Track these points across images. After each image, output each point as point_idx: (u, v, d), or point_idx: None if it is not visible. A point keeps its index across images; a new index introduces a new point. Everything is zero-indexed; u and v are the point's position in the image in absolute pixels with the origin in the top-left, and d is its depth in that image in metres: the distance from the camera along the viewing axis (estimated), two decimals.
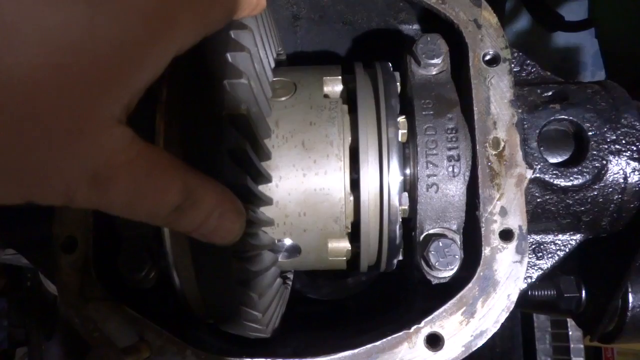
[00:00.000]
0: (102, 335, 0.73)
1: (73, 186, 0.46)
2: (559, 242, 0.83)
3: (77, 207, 0.49)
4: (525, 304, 0.94)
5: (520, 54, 0.87)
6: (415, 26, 0.92)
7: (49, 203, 0.47)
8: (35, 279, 2.22)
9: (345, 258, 0.77)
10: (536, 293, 0.93)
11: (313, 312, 1.05)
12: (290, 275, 0.88)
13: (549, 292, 0.94)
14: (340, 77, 0.78)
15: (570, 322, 1.81)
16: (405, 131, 0.75)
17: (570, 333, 1.80)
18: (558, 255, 0.83)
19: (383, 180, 0.71)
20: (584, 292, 0.94)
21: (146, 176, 0.50)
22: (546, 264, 0.83)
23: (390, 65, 0.82)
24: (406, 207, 0.74)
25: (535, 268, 0.83)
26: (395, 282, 0.97)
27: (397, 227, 0.73)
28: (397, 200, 0.71)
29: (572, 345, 1.80)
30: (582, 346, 1.81)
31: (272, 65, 0.73)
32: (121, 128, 0.48)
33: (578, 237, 0.83)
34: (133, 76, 0.48)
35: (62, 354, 1.99)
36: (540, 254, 0.83)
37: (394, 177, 0.71)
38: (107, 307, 0.73)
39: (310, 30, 0.96)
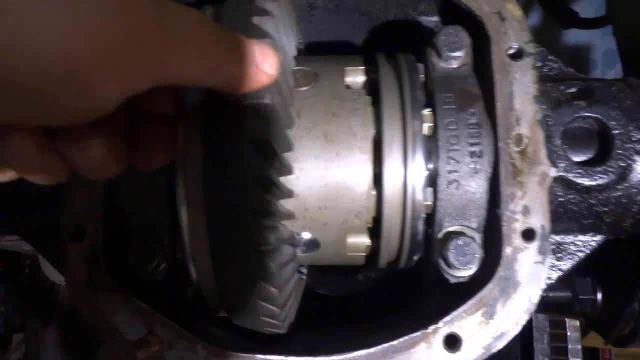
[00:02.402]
0: (110, 327, 0.71)
1: None
2: (579, 243, 0.82)
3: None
4: (539, 305, 0.92)
5: (543, 48, 0.85)
6: (435, 18, 0.90)
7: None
8: (34, 265, 2.21)
9: (364, 254, 0.75)
10: (551, 294, 0.92)
11: (322, 307, 1.04)
12: (304, 270, 0.86)
13: (564, 294, 0.92)
14: (362, 68, 0.76)
15: (569, 323, 1.80)
16: (431, 124, 0.73)
17: (568, 334, 1.80)
18: (578, 256, 0.81)
19: (407, 174, 0.69)
20: (599, 294, 0.93)
21: None
22: (566, 265, 0.81)
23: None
24: (430, 203, 0.72)
25: (555, 269, 0.81)
26: (407, 280, 0.95)
27: (420, 223, 0.71)
28: (422, 196, 0.69)
29: (570, 346, 1.79)
30: (579, 347, 1.80)
31: (294, 53, 0.70)
32: None
33: (599, 238, 0.82)
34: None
35: (59, 341, 1.98)
36: (560, 254, 0.81)
37: (419, 171, 0.69)
38: (116, 299, 0.72)
39: (326, 20, 0.94)
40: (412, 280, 0.91)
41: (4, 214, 0.81)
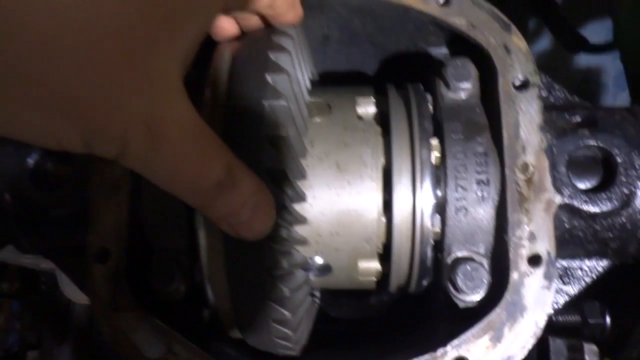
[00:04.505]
0: (131, 345, 0.74)
1: (130, 129, 0.47)
2: (586, 268, 0.83)
3: (126, 161, 0.49)
4: (548, 330, 0.94)
5: (548, 78, 0.88)
6: (444, 49, 0.93)
7: (104, 151, 0.48)
8: (50, 282, 2.24)
9: (375, 278, 0.78)
10: (560, 319, 0.93)
11: (334, 330, 1.05)
12: (317, 293, 0.89)
13: (573, 318, 0.93)
14: (373, 99, 0.79)
15: (587, 347, 1.78)
16: (439, 154, 0.76)
17: (587, 358, 1.78)
18: (585, 281, 0.83)
19: (416, 202, 0.72)
20: (608, 318, 0.93)
21: (194, 142, 0.51)
22: (573, 289, 0.83)
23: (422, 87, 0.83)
24: (438, 230, 0.75)
25: (562, 294, 0.83)
26: (418, 304, 0.97)
27: (429, 249, 0.73)
28: (430, 223, 0.72)
29: None
30: None
31: (308, 86, 0.74)
32: (179, 80, 0.50)
33: (605, 263, 0.83)
34: (192, 15, 0.50)
35: (73, 359, 2.00)
36: (567, 279, 0.83)
37: (427, 199, 0.72)
38: (137, 318, 0.74)
39: (339, 51, 0.97)
40: (421, 305, 0.93)
41: (33, 235, 0.85)
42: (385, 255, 0.76)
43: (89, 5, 0.43)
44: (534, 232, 0.74)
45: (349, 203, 0.72)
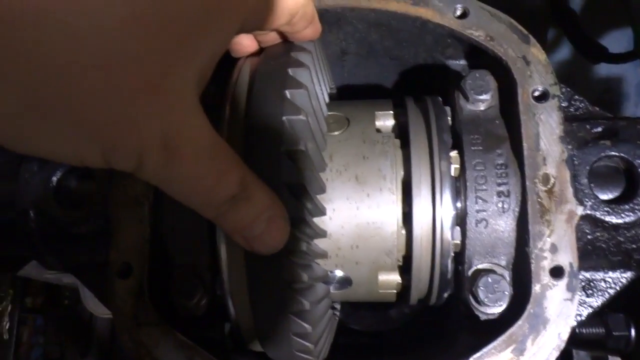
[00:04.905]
0: None
1: (146, 147, 0.49)
2: (610, 280, 0.82)
3: (143, 175, 0.51)
4: (572, 342, 0.92)
5: (568, 89, 0.87)
6: (462, 61, 0.93)
7: (122, 166, 0.50)
8: (73, 297, 2.28)
9: (395, 291, 0.78)
10: (584, 331, 0.91)
11: (354, 343, 1.05)
12: (338, 305, 0.89)
13: (598, 331, 0.92)
14: (391, 112, 0.79)
15: None
16: (458, 166, 0.76)
17: None
18: (608, 293, 0.82)
19: (436, 214, 0.72)
20: (632, 330, 0.92)
21: (209, 158, 0.53)
22: (596, 301, 0.82)
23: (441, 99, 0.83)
24: (458, 242, 0.74)
25: (585, 306, 0.81)
26: (438, 316, 0.96)
27: (449, 261, 0.73)
28: (450, 235, 0.72)
29: None
30: None
31: (327, 100, 0.75)
32: (194, 100, 0.52)
33: (629, 274, 0.82)
34: (207, 37, 0.51)
35: None
36: (590, 291, 0.82)
37: (447, 211, 0.72)
38: (159, 332, 0.75)
39: (357, 65, 0.98)
40: (442, 317, 0.92)
41: (57, 252, 0.87)
42: (405, 268, 0.76)
43: (104, 31, 0.44)
44: (556, 244, 0.73)
45: (368, 216, 0.73)
